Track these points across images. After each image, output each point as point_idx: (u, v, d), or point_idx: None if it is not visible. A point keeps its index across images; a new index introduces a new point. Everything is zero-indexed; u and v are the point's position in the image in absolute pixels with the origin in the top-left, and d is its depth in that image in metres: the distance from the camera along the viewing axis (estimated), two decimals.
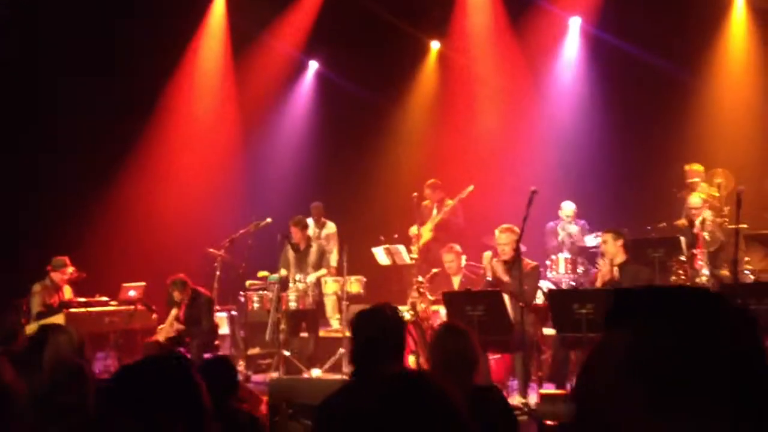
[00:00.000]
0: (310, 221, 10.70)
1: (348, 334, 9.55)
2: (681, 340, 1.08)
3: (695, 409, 1.05)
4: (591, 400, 1.15)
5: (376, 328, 3.58)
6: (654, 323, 1.11)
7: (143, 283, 9.86)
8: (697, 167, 9.78)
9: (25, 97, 10.77)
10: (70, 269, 9.52)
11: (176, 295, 8.85)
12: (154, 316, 9.40)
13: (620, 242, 7.64)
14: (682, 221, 9.23)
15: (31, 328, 8.26)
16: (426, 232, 10.61)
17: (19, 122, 10.85)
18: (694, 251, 8.66)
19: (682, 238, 8.63)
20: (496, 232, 7.98)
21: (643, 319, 1.13)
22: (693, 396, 1.05)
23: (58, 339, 4.50)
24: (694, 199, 9.18)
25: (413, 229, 10.55)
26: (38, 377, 3.52)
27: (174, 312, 8.94)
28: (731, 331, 1.10)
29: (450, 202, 10.66)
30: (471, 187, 10.46)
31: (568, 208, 10.20)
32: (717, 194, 9.60)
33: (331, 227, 11.21)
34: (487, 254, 7.94)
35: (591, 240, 9.89)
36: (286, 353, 9.28)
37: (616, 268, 7.80)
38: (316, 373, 8.90)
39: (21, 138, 10.85)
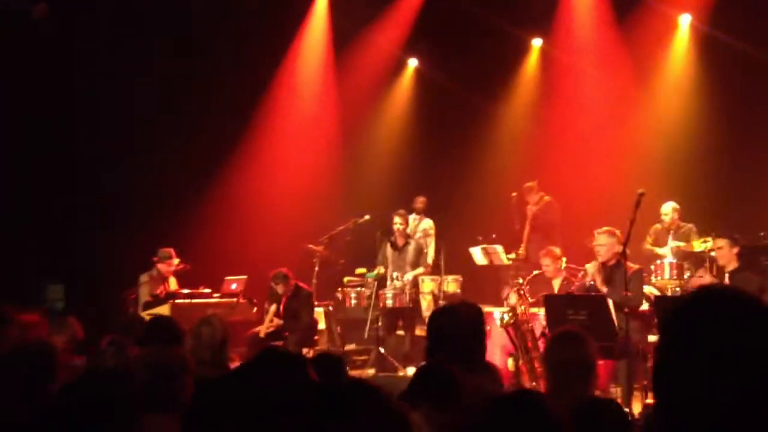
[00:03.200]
0: (410, 218, 10.67)
1: None
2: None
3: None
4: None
5: (452, 325, 3.53)
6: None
7: (245, 277, 10.06)
8: None
9: (136, 91, 11.13)
10: (176, 261, 9.77)
11: (279, 288, 8.98)
12: (255, 309, 9.57)
13: (736, 249, 7.38)
14: None
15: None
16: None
17: (128, 116, 11.23)
18: None
19: None
20: (595, 233, 7.81)
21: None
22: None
23: (201, 331, 4.54)
24: None
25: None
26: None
27: (273, 308, 9.08)
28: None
29: (547, 199, 10.54)
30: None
31: (665, 208, 9.75)
32: None
33: (427, 223, 11.12)
34: (592, 264, 7.76)
35: (698, 245, 9.51)
36: (382, 350, 9.31)
37: (726, 275, 7.54)
38: (411, 371, 8.87)
39: (130, 132, 11.22)
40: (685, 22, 11.52)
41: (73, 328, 5.33)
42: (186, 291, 9.65)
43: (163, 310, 8.85)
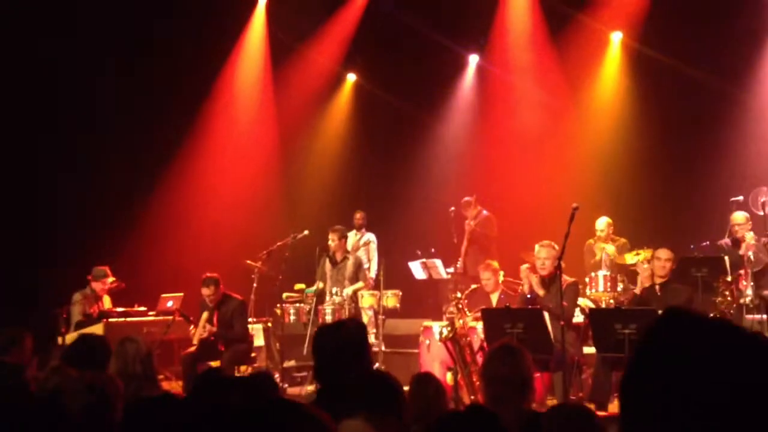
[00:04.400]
0: (351, 234, 10.66)
1: (384, 348, 9.55)
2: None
3: None
4: None
5: (335, 343, 3.57)
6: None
7: (181, 294, 9.90)
8: None
9: (64, 108, 10.91)
10: (111, 279, 9.58)
11: (205, 291, 8.71)
12: (192, 327, 9.41)
13: (671, 263, 7.61)
14: (726, 240, 9.08)
15: (70, 336, 8.32)
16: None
17: (58, 132, 10.98)
18: (740, 271, 8.50)
19: (727, 258, 8.48)
20: (536, 246, 7.93)
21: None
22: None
23: (126, 348, 4.54)
24: (738, 216, 9.04)
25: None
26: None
27: (205, 315, 8.91)
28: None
29: (484, 213, 10.65)
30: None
31: (600, 224, 9.99)
32: (762, 213, 9.40)
33: (369, 237, 11.10)
34: (525, 267, 7.89)
35: (631, 258, 9.72)
36: None
37: (657, 287, 7.72)
38: None
39: (61, 148, 10.97)
40: (616, 39, 11.81)
41: None
42: (120, 310, 9.46)
43: (96, 329, 8.65)
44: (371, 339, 10.14)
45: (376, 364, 8.95)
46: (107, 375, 3.59)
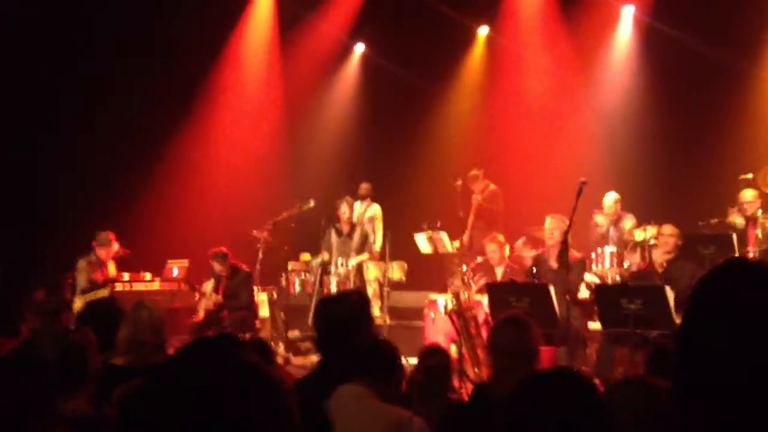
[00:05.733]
0: (356, 206, 10.62)
1: (389, 320, 9.56)
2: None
3: None
4: None
5: (338, 314, 3.57)
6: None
7: (186, 261, 9.92)
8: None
9: (69, 75, 10.84)
10: (116, 246, 9.57)
11: (216, 266, 8.97)
12: (197, 295, 9.44)
13: (680, 241, 7.59)
14: (735, 218, 9.03)
15: (77, 303, 8.34)
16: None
17: (63, 97, 10.93)
18: (748, 249, 8.47)
19: (734, 236, 8.43)
20: (549, 217, 7.92)
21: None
22: None
23: (139, 314, 4.48)
24: (747, 193, 8.99)
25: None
26: None
27: (212, 283, 9.00)
28: None
29: (492, 187, 10.59)
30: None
31: (607, 200, 9.93)
32: None
33: (374, 209, 11.02)
34: (520, 241, 7.88)
35: (638, 234, 9.68)
36: None
37: (663, 263, 7.69)
38: None
39: (67, 114, 10.93)
40: (628, 13, 11.68)
41: None
42: (125, 276, 9.47)
43: (102, 295, 8.66)
44: (375, 311, 10.16)
45: (381, 336, 8.96)
46: (80, 329, 3.52)
